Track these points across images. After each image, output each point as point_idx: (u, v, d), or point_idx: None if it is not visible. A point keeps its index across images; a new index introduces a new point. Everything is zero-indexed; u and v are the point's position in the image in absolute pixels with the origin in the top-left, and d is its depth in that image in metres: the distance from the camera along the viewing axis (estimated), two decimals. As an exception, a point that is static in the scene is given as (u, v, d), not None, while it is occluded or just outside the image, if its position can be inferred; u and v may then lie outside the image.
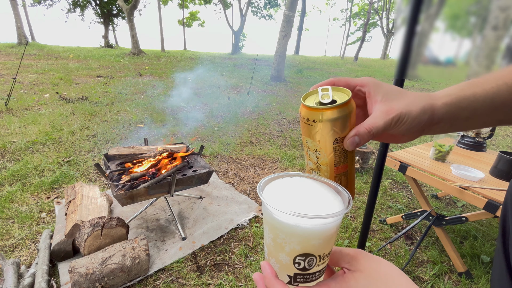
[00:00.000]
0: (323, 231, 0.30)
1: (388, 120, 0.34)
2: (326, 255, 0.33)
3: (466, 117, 0.37)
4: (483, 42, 0.40)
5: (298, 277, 0.33)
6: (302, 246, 0.31)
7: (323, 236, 0.31)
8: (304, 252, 0.31)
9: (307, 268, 0.32)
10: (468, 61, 0.44)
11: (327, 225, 0.30)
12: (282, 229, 0.31)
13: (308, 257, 0.31)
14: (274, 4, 24.74)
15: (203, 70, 10.95)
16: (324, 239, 0.31)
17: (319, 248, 0.31)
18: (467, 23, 0.43)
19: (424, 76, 0.75)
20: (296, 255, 0.31)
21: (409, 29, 0.80)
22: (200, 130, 4.04)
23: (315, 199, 0.34)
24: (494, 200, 1.29)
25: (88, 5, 21.55)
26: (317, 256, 0.32)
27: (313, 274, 0.33)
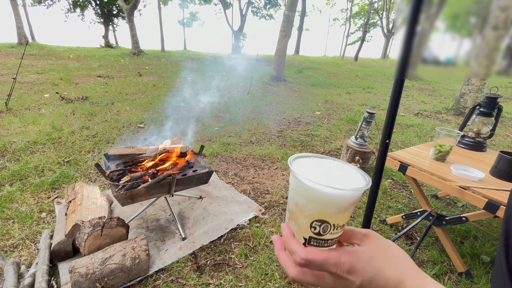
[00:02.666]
0: (339, 202, 0.35)
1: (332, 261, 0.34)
2: (340, 227, 0.37)
3: None
4: (483, 42, 0.40)
5: (312, 240, 0.37)
6: (319, 212, 0.35)
7: (339, 206, 0.35)
8: (320, 218, 0.36)
9: (321, 233, 0.36)
10: (468, 61, 0.44)
11: (343, 197, 0.34)
12: (305, 195, 0.36)
13: (323, 223, 0.36)
14: (274, 4, 24.73)
15: (203, 70, 10.95)
16: (340, 210, 0.35)
17: (334, 217, 0.36)
18: (467, 23, 0.44)
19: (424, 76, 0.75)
20: (313, 219, 0.36)
21: (409, 29, 0.80)
22: (200, 130, 4.04)
23: (337, 175, 0.39)
24: (494, 200, 1.29)
25: (88, 5, 21.55)
26: (332, 224, 0.36)
27: (325, 241, 0.37)
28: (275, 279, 1.54)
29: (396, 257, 0.35)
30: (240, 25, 23.66)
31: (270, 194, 2.42)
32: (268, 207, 2.23)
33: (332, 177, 0.39)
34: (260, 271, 1.58)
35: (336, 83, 9.75)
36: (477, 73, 0.45)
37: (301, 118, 5.01)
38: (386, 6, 26.55)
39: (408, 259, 0.35)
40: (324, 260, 0.34)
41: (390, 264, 0.34)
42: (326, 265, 0.34)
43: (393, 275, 0.33)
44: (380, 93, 8.36)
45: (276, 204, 2.27)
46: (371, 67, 16.94)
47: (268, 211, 2.17)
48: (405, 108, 6.47)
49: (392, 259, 0.35)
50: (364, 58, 27.39)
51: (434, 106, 6.74)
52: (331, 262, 0.34)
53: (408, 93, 8.57)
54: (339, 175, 0.39)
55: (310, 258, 0.34)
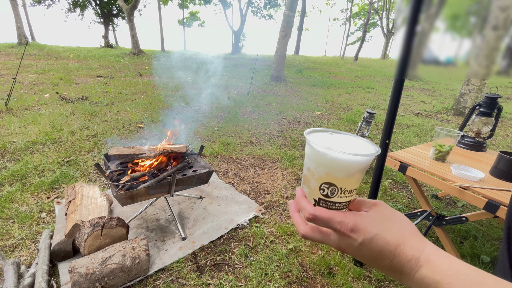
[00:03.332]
0: (345, 166, 0.38)
1: None
2: (347, 191, 0.40)
3: None
4: (483, 42, 0.40)
5: (321, 201, 0.41)
6: (327, 175, 0.39)
7: (346, 170, 0.38)
8: (328, 181, 0.39)
9: (329, 195, 0.40)
10: (468, 61, 0.44)
11: (349, 162, 0.37)
12: (315, 159, 0.40)
13: (331, 186, 0.39)
14: (274, 4, 24.73)
15: (203, 70, 10.95)
16: (347, 174, 0.38)
17: (341, 181, 0.39)
18: (467, 23, 0.44)
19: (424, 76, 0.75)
20: (322, 182, 0.39)
21: (409, 29, 0.80)
22: (200, 130, 4.04)
23: (348, 144, 0.43)
24: (494, 200, 1.29)
25: (88, 5, 21.55)
26: (339, 187, 0.39)
27: (333, 203, 0.40)
28: (275, 279, 1.54)
29: (399, 222, 0.37)
30: (240, 25, 23.66)
31: (270, 194, 2.42)
32: (268, 207, 2.23)
33: (342, 144, 0.42)
34: (260, 271, 1.59)
35: (336, 83, 9.75)
36: (477, 73, 0.45)
37: (301, 118, 5.01)
38: (386, 6, 26.55)
39: (411, 226, 0.37)
40: (330, 218, 0.37)
41: (392, 227, 0.36)
42: (331, 222, 0.37)
43: (394, 237, 0.35)
44: (380, 93, 8.36)
45: (276, 204, 2.27)
46: (371, 67, 16.94)
47: (268, 211, 2.17)
48: (405, 108, 6.47)
49: (395, 223, 0.37)
50: (364, 58, 27.39)
51: (434, 106, 6.74)
52: (336, 220, 0.37)
53: (408, 93, 8.57)
54: (349, 144, 0.42)
55: (317, 214, 0.37)
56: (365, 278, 1.58)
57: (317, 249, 1.79)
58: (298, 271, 1.59)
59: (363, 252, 0.36)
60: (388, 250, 0.35)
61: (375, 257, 0.36)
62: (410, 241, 0.35)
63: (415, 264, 0.33)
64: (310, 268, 1.64)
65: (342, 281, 1.53)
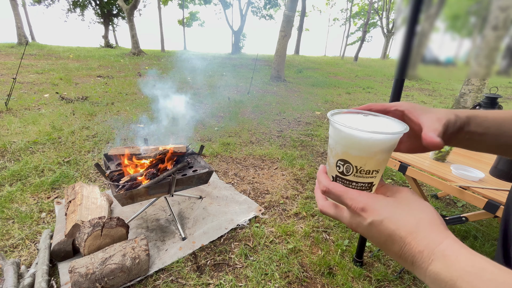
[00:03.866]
0: (359, 143, 0.37)
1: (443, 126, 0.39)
2: (365, 172, 0.39)
3: (480, 132, 0.44)
4: (483, 42, 0.40)
5: (338, 178, 0.41)
6: (342, 152, 0.39)
7: (359, 148, 0.37)
8: (343, 158, 0.39)
9: (345, 173, 0.40)
10: (468, 61, 0.44)
11: (362, 139, 0.36)
12: (333, 136, 0.40)
13: (346, 163, 0.39)
14: (274, 4, 24.73)
15: (203, 70, 10.94)
16: (361, 152, 0.37)
17: (355, 159, 0.38)
18: (467, 23, 0.43)
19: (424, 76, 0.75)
20: (338, 159, 0.40)
21: (409, 29, 0.80)
22: (200, 130, 4.04)
23: (373, 122, 0.41)
24: (494, 200, 1.29)
25: (88, 5, 21.54)
26: (354, 166, 0.38)
27: (349, 181, 0.40)
28: (275, 279, 1.54)
29: (420, 210, 0.34)
30: (240, 25, 23.66)
31: (270, 194, 2.42)
32: (268, 207, 2.23)
33: (365, 123, 0.40)
34: (260, 271, 1.58)
35: (336, 83, 9.75)
36: (477, 73, 0.45)
37: (301, 118, 5.01)
38: (386, 6, 26.55)
39: (434, 216, 0.34)
40: (342, 192, 0.37)
41: (408, 214, 0.34)
42: (343, 197, 0.37)
43: (407, 223, 0.33)
44: (380, 93, 8.36)
45: (276, 204, 2.27)
46: (371, 67, 16.94)
47: (268, 211, 2.17)
48: (405, 108, 6.47)
49: (414, 210, 0.34)
50: (364, 58, 27.39)
51: (434, 106, 6.74)
52: (348, 196, 0.37)
53: (408, 93, 8.57)
54: (377, 123, 0.41)
55: (331, 187, 0.38)
56: (365, 278, 1.58)
57: (317, 249, 1.79)
58: (298, 271, 1.59)
59: (372, 234, 0.35)
60: (399, 236, 0.33)
61: (385, 241, 0.34)
62: (426, 230, 0.32)
63: (427, 257, 0.30)
64: (310, 268, 1.64)
65: (342, 281, 1.53)
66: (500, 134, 0.44)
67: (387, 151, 0.38)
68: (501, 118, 0.44)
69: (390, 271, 1.63)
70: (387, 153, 0.38)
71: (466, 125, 0.43)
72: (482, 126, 0.43)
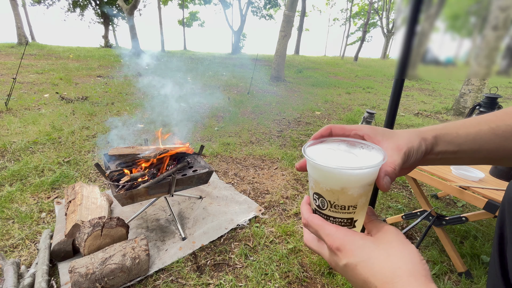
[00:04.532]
0: (327, 177, 0.36)
1: (403, 156, 0.37)
2: (340, 207, 0.37)
3: (453, 150, 0.41)
4: (483, 42, 0.40)
5: (316, 211, 0.40)
6: (315, 186, 0.38)
7: (328, 182, 0.36)
8: (316, 191, 0.38)
9: (321, 207, 0.39)
10: (468, 61, 0.44)
11: (330, 173, 0.35)
12: (308, 169, 0.40)
13: (320, 197, 0.38)
14: (274, 4, 24.73)
15: (203, 70, 10.95)
16: (330, 185, 0.36)
17: (327, 194, 0.37)
18: (467, 23, 0.43)
19: (424, 76, 0.74)
20: (313, 192, 0.39)
21: (409, 29, 0.80)
22: (200, 130, 4.04)
23: (348, 157, 0.39)
24: (494, 200, 1.29)
25: (88, 5, 21.54)
26: (327, 200, 0.37)
27: (327, 216, 0.39)
28: (275, 279, 1.54)
29: (400, 256, 0.31)
30: (240, 25, 23.66)
31: (270, 194, 2.42)
32: (268, 207, 2.23)
33: (339, 157, 0.39)
34: (260, 271, 1.59)
35: (336, 83, 9.75)
36: (477, 73, 0.45)
37: (301, 118, 5.01)
38: (386, 6, 26.55)
39: (415, 265, 0.30)
40: (320, 226, 0.36)
41: (386, 260, 0.30)
42: (320, 232, 0.36)
43: (383, 271, 0.29)
44: (380, 93, 8.36)
45: (276, 204, 2.27)
46: (371, 67, 16.94)
47: (268, 211, 2.17)
48: (405, 108, 6.47)
49: (393, 256, 0.31)
50: (364, 58, 27.39)
51: (434, 106, 6.74)
52: (325, 232, 0.35)
53: (408, 93, 8.57)
54: (350, 157, 0.39)
55: (310, 220, 0.37)
56: (365, 278, 1.58)
57: (317, 249, 1.79)
58: (298, 271, 1.59)
59: (348, 276, 0.33)
60: (374, 285, 0.30)
61: (361, 285, 0.31)
62: (403, 282, 0.28)
63: None
64: (310, 268, 1.64)
65: (342, 281, 1.53)
66: (476, 150, 0.40)
67: (360, 186, 0.36)
68: (474, 133, 0.40)
69: (390, 271, 1.63)
70: (361, 188, 0.36)
71: (435, 146, 0.40)
72: (454, 143, 0.40)
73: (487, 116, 0.41)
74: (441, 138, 0.40)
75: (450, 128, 0.41)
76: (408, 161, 0.38)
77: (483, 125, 0.40)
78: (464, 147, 0.40)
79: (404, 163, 0.38)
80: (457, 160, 0.42)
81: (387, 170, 0.36)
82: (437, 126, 0.42)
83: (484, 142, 0.40)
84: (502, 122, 0.40)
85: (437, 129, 0.41)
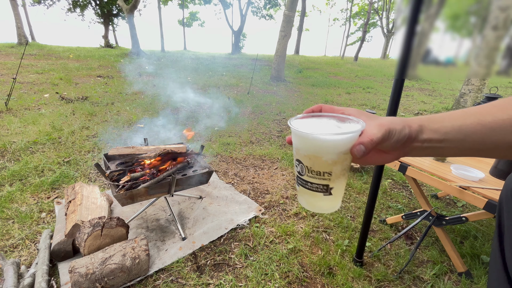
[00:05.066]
0: (305, 143, 0.39)
1: (383, 131, 0.39)
2: (315, 173, 0.40)
3: (439, 139, 0.42)
4: (483, 42, 0.40)
5: (297, 178, 0.44)
6: (296, 153, 0.42)
7: (306, 147, 0.40)
8: (297, 158, 0.42)
9: (301, 173, 0.42)
10: (468, 61, 0.44)
11: (306, 139, 0.39)
12: (292, 139, 0.43)
13: (299, 163, 0.42)
14: (274, 4, 24.73)
15: (203, 70, 10.94)
16: (307, 151, 0.40)
17: (304, 159, 0.40)
18: (467, 23, 0.43)
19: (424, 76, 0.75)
20: (295, 159, 0.43)
21: (409, 29, 0.80)
22: (200, 130, 4.04)
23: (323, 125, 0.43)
24: (494, 200, 1.29)
25: (88, 5, 21.52)
26: (305, 166, 0.41)
27: (305, 182, 0.42)
28: (275, 279, 1.54)
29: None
30: (240, 25, 23.65)
31: (270, 194, 2.42)
32: (268, 207, 2.23)
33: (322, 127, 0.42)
34: (260, 271, 1.58)
35: (336, 83, 9.75)
36: (477, 73, 0.45)
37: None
38: (386, 6, 26.55)
39: None
40: None
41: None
42: None
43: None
44: (380, 93, 8.36)
45: (276, 204, 2.27)
46: (371, 67, 16.94)
47: (268, 211, 2.17)
48: (405, 108, 6.47)
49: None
50: (364, 58, 27.39)
51: (434, 106, 6.74)
52: None
53: (408, 93, 8.57)
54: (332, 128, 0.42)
55: None
56: (365, 278, 1.58)
57: (317, 249, 1.79)
58: (298, 271, 1.59)
59: None
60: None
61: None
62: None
63: None
64: (310, 268, 1.64)
65: (342, 281, 1.53)
66: (461, 140, 0.41)
67: (334, 153, 0.39)
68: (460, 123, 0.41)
69: (390, 271, 1.63)
70: (335, 155, 0.39)
71: (420, 133, 0.41)
72: (439, 132, 0.41)
73: (474, 108, 0.42)
74: (426, 126, 0.42)
75: (436, 118, 0.43)
76: (389, 139, 0.40)
77: (469, 116, 0.41)
78: (450, 136, 0.41)
79: (384, 140, 0.40)
80: (443, 150, 0.42)
81: (363, 140, 0.39)
82: (424, 116, 0.44)
83: (470, 133, 0.40)
84: (489, 114, 0.40)
85: (423, 119, 0.43)
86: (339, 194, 0.43)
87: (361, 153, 0.38)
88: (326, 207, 0.44)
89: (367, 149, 0.38)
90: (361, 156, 0.39)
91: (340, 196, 0.44)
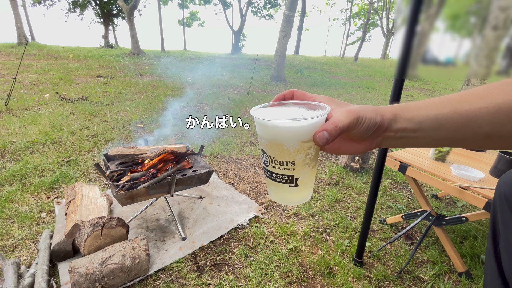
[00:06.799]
0: (265, 132, 0.38)
1: (350, 118, 0.37)
2: (279, 163, 0.39)
3: (413, 128, 0.39)
4: (483, 42, 0.40)
5: (264, 170, 0.43)
6: (260, 142, 0.41)
7: (266, 136, 0.38)
8: (261, 147, 0.41)
9: (266, 163, 0.41)
10: (468, 61, 0.44)
11: (266, 127, 0.38)
12: (256, 129, 0.42)
13: (264, 153, 0.40)
14: (274, 4, 24.73)
15: (203, 70, 10.95)
16: (268, 139, 0.38)
17: (267, 149, 0.39)
18: (467, 23, 0.43)
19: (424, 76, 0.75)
20: (260, 149, 0.41)
21: (409, 29, 0.80)
22: (200, 130, 4.04)
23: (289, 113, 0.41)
24: (494, 200, 1.29)
25: (88, 5, 21.52)
26: (268, 155, 0.39)
27: (271, 173, 0.41)
28: (275, 279, 1.54)
29: None
30: (240, 25, 23.65)
31: (270, 194, 2.42)
32: (268, 207, 2.23)
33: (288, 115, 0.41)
34: (260, 271, 1.58)
35: (336, 83, 9.75)
36: (477, 73, 0.45)
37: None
38: (386, 6, 26.55)
39: None
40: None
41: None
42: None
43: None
44: (380, 93, 8.36)
45: (276, 204, 2.27)
46: (371, 67, 16.94)
47: (268, 211, 2.17)
48: (405, 108, 6.46)
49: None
50: (364, 58, 27.39)
51: (434, 106, 6.73)
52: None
53: (408, 93, 8.58)
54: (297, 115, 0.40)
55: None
56: (365, 278, 1.58)
57: (317, 249, 1.79)
58: (298, 271, 1.59)
59: None
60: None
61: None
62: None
63: None
64: (310, 268, 1.64)
65: (342, 281, 1.53)
66: (436, 129, 0.39)
67: (295, 140, 0.37)
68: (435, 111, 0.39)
69: (390, 271, 1.63)
70: (297, 143, 0.37)
71: (393, 123, 0.39)
72: (414, 121, 0.39)
73: (451, 95, 0.40)
74: (400, 115, 0.39)
75: (411, 106, 0.40)
76: (357, 127, 0.38)
77: (446, 104, 0.39)
78: (425, 125, 0.39)
79: (352, 128, 0.38)
80: (418, 139, 0.40)
81: (326, 127, 0.37)
82: (399, 105, 0.41)
83: (445, 121, 0.38)
84: (466, 102, 0.38)
85: (397, 107, 0.41)
86: (307, 185, 0.41)
87: (324, 140, 0.36)
88: (295, 199, 0.43)
89: (330, 136, 0.36)
90: (324, 144, 0.37)
91: (308, 187, 0.42)
